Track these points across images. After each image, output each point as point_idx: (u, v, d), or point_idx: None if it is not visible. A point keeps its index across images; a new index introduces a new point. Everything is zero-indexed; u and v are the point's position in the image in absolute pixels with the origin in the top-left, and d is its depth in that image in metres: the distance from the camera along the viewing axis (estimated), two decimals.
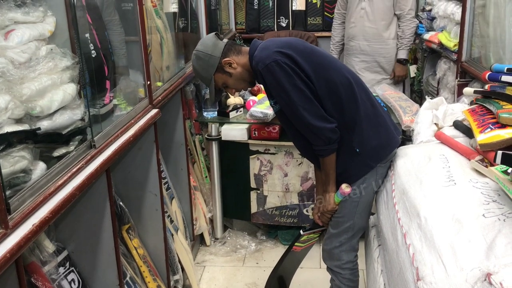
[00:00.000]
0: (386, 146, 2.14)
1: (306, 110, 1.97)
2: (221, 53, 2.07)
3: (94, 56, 1.87)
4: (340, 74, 2.05)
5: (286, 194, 3.17)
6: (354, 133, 2.07)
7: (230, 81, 2.12)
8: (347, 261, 2.24)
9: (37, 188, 1.38)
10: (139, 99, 2.28)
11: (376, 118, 2.13)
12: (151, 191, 2.33)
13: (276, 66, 1.93)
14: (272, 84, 1.98)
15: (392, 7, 3.72)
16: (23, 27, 1.46)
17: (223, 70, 2.09)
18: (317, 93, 1.99)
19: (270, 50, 1.97)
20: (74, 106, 1.60)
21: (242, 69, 2.10)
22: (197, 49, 2.12)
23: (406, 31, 3.74)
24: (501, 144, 1.72)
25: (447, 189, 1.68)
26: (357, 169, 2.11)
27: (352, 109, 2.05)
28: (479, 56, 2.92)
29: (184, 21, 3.40)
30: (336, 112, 2.03)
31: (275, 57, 1.94)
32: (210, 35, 2.15)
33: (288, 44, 2.01)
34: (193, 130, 3.33)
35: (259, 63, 1.97)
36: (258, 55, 2.00)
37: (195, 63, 2.12)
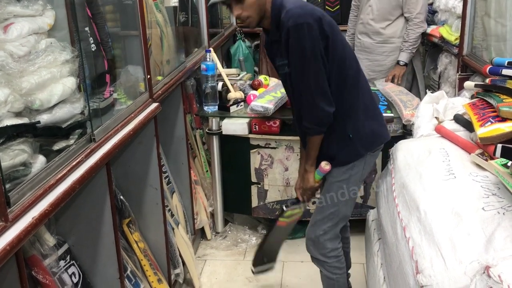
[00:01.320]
0: (378, 136, 2.17)
1: (315, 82, 1.95)
2: None
3: (94, 50, 1.87)
4: (351, 58, 2.08)
5: (286, 188, 3.17)
6: (350, 119, 2.08)
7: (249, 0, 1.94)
8: (331, 249, 2.24)
9: (37, 181, 1.39)
10: (139, 93, 2.28)
11: (373, 110, 2.17)
12: (152, 185, 2.33)
13: (306, 28, 1.88)
14: (294, 44, 1.91)
15: (399, 7, 3.66)
16: (22, 20, 1.46)
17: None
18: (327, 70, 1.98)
19: (307, 11, 1.91)
20: (73, 100, 1.60)
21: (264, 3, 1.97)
22: None
23: (410, 35, 3.66)
24: (501, 138, 1.71)
25: (447, 183, 1.68)
26: (347, 155, 2.12)
27: (353, 95, 2.07)
28: (480, 49, 2.92)
29: (185, 15, 3.39)
30: (338, 95, 2.03)
31: (309, 20, 1.88)
32: None
33: (321, 12, 1.97)
34: (194, 124, 3.33)
35: (290, 19, 1.89)
36: (293, 10, 1.91)
37: None
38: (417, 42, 3.71)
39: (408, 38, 3.67)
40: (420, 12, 3.63)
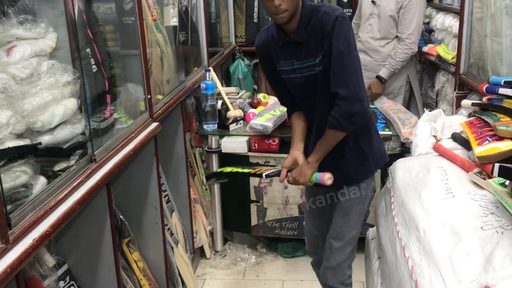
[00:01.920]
0: (384, 155, 2.21)
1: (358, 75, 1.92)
2: None
3: (95, 70, 1.89)
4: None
5: (286, 207, 3.17)
6: (366, 136, 2.10)
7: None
8: (349, 275, 2.22)
9: (38, 203, 1.39)
10: (139, 112, 2.30)
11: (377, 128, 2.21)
12: (151, 204, 2.34)
13: (350, 24, 1.92)
14: (340, 33, 1.86)
15: (396, 27, 3.69)
16: (25, 43, 1.49)
17: None
18: None
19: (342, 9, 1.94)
20: (75, 121, 1.62)
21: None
22: None
23: (398, 54, 3.60)
24: (499, 157, 1.73)
25: (445, 202, 1.68)
26: (362, 173, 2.13)
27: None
28: (477, 68, 2.94)
29: (185, 35, 3.43)
30: None
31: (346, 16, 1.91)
32: None
33: None
34: (193, 142, 3.35)
35: (336, 11, 1.88)
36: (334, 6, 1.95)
37: None
38: (403, 63, 3.63)
39: (395, 56, 3.61)
40: (411, 33, 3.57)
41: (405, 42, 3.59)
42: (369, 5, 3.75)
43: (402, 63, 3.63)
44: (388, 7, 3.62)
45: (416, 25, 3.59)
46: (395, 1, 3.60)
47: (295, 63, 2.01)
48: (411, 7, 3.55)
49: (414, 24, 3.57)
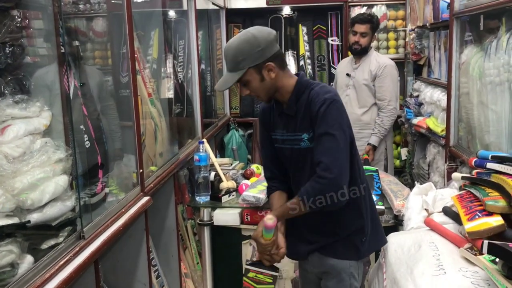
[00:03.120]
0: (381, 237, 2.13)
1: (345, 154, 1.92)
2: (271, 55, 1.91)
3: (88, 146, 1.92)
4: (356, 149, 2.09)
5: (279, 281, 3.11)
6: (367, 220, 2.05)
7: (256, 84, 1.94)
8: None
9: (23, 283, 1.37)
10: (132, 184, 2.30)
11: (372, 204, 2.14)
12: (140, 280, 2.29)
13: (341, 106, 1.94)
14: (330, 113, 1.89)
15: (372, 95, 3.84)
16: (19, 122, 1.52)
17: (260, 70, 1.92)
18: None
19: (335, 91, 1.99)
20: (65, 198, 1.62)
21: (275, 83, 1.96)
22: (252, 33, 1.91)
23: (385, 122, 3.78)
24: (489, 232, 1.73)
25: (437, 278, 1.67)
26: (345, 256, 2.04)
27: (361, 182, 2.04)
28: (466, 140, 3.00)
29: (180, 106, 3.51)
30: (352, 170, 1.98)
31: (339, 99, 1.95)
32: (271, 30, 1.98)
33: None
34: (185, 214, 3.33)
35: (328, 93, 1.91)
36: (327, 87, 1.98)
37: (240, 44, 1.89)
38: (390, 128, 3.84)
39: (383, 124, 3.78)
40: (390, 99, 3.77)
41: (387, 109, 3.78)
42: (345, 78, 3.96)
43: (389, 128, 3.83)
44: (362, 77, 3.83)
45: (393, 91, 3.81)
46: (368, 71, 3.81)
47: (285, 134, 2.05)
48: (385, 75, 3.77)
49: (391, 90, 3.79)
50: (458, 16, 3.03)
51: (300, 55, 5.06)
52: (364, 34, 3.81)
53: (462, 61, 3.01)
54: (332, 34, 5.04)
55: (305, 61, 5.04)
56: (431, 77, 3.96)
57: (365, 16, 3.86)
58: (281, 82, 1.97)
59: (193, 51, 3.69)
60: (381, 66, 3.78)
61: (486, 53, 2.60)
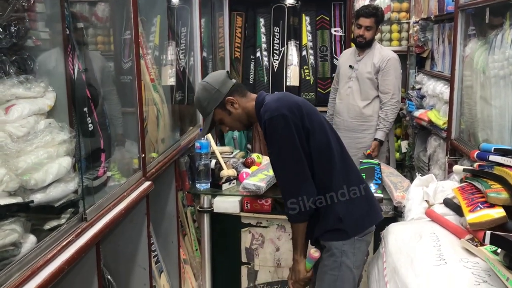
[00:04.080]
0: (366, 217, 2.16)
1: (296, 170, 2.01)
2: (228, 91, 2.13)
3: (91, 129, 1.91)
4: (336, 142, 2.13)
5: (277, 270, 3.12)
6: (340, 202, 2.09)
7: (227, 119, 2.17)
8: None
9: (26, 262, 1.37)
10: (133, 170, 2.30)
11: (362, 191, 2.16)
12: (140, 264, 2.30)
13: (282, 120, 1.97)
14: (271, 135, 2.02)
15: (375, 88, 3.85)
16: (24, 102, 1.51)
17: (225, 107, 2.14)
18: (311, 155, 2.03)
19: (281, 104, 2.01)
20: (68, 179, 1.62)
21: (242, 111, 2.15)
22: (205, 81, 2.18)
23: (389, 115, 3.81)
24: (491, 224, 1.73)
25: (438, 268, 1.67)
26: (334, 238, 2.10)
27: (341, 178, 2.09)
28: (468, 134, 3.00)
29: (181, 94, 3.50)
30: (326, 179, 2.07)
31: (284, 111, 1.98)
32: (222, 71, 2.21)
33: (298, 103, 2.06)
34: (185, 201, 3.33)
35: (267, 112, 2.00)
36: (269, 104, 2.03)
37: (200, 93, 2.16)
38: (393, 121, 3.88)
39: (388, 118, 3.81)
40: (394, 93, 3.80)
41: (391, 103, 3.80)
42: (347, 69, 3.96)
43: (393, 121, 3.86)
44: (365, 70, 3.84)
45: (397, 84, 3.83)
46: (372, 64, 3.82)
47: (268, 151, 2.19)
48: (389, 69, 3.79)
49: (394, 84, 3.81)
50: (463, 9, 3.02)
51: (303, 45, 5.04)
52: (368, 27, 3.79)
53: (466, 54, 3.00)
54: (335, 25, 5.01)
55: (307, 52, 5.02)
56: (434, 70, 3.95)
57: (370, 9, 3.84)
58: (247, 109, 2.16)
59: (195, 38, 3.67)
60: (384, 59, 3.77)
61: (490, 46, 2.59)
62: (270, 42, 5.06)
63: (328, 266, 2.11)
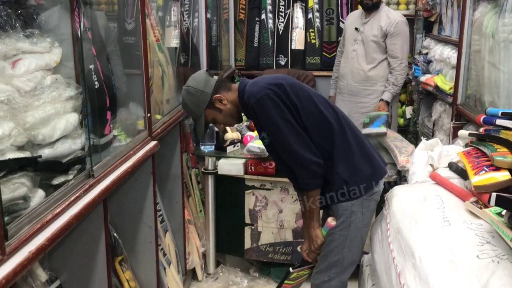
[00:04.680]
0: (372, 177, 2.18)
1: (295, 142, 2.02)
2: (212, 90, 2.13)
3: (97, 87, 1.90)
4: (327, 107, 2.14)
5: (280, 231, 3.16)
6: (344, 166, 2.11)
7: (219, 116, 2.18)
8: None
9: (35, 216, 1.39)
10: (137, 131, 2.30)
11: (364, 151, 2.18)
12: (146, 223, 2.33)
13: (267, 100, 1.99)
14: (263, 117, 2.04)
15: (383, 52, 3.79)
16: (30, 56, 1.50)
17: (214, 106, 2.14)
18: (304, 125, 2.05)
19: (261, 85, 2.04)
20: (75, 136, 1.62)
21: (232, 105, 2.16)
22: (188, 85, 2.17)
23: (399, 80, 3.77)
24: (496, 187, 1.74)
25: (442, 230, 1.69)
26: (343, 199, 2.13)
27: (342, 143, 2.11)
28: (474, 99, 2.98)
29: (185, 56, 3.46)
30: (327, 146, 2.09)
31: (266, 91, 2.00)
32: (201, 71, 2.21)
33: (277, 79, 2.08)
34: (190, 163, 3.34)
35: (250, 97, 2.03)
36: (249, 90, 2.06)
37: (186, 98, 2.16)
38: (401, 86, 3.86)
39: (397, 82, 3.77)
40: (404, 57, 3.76)
41: (401, 67, 3.75)
42: (353, 32, 3.89)
43: (401, 85, 3.84)
44: (371, 33, 3.77)
45: (406, 49, 3.79)
46: (379, 27, 3.75)
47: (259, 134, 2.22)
48: (397, 33, 3.72)
49: (404, 49, 3.76)
50: None
51: (309, 7, 4.96)
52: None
53: (475, 18, 2.95)
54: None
55: (313, 14, 4.94)
56: (441, 34, 3.90)
57: None
58: (235, 101, 2.15)
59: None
60: (392, 23, 3.71)
61: (501, 10, 2.55)
62: (275, 4, 4.98)
63: (337, 227, 2.14)
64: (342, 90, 3.97)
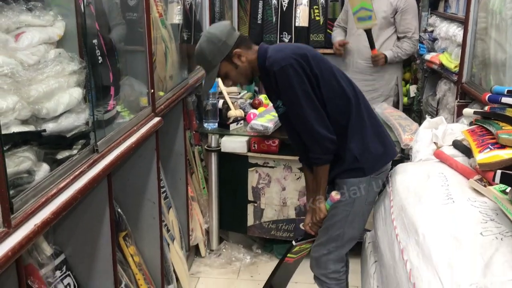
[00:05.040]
0: (382, 157, 2.20)
1: (312, 116, 2.02)
2: (234, 43, 2.07)
3: (100, 62, 1.89)
4: (346, 82, 2.14)
5: (283, 208, 3.17)
6: (356, 142, 2.12)
7: (233, 72, 2.13)
8: (333, 270, 2.24)
9: (40, 189, 1.39)
10: (140, 107, 2.30)
11: (377, 130, 2.21)
12: (150, 199, 2.33)
13: (290, 69, 1.97)
14: (283, 86, 2.02)
15: (391, 28, 3.74)
16: (33, 30, 1.49)
17: (231, 60, 2.09)
18: (323, 98, 2.05)
19: (287, 53, 2.01)
20: (79, 110, 1.61)
21: (248, 65, 2.11)
22: (210, 32, 2.10)
23: (405, 47, 3.75)
24: (500, 164, 1.73)
25: (445, 207, 1.69)
26: (351, 176, 2.15)
27: (356, 120, 2.12)
28: (479, 78, 2.96)
29: (188, 33, 3.43)
30: (342, 118, 2.10)
31: (291, 60, 1.98)
32: (225, 22, 2.17)
33: (301, 49, 2.06)
34: (193, 140, 3.34)
35: (274, 64, 2.00)
36: (274, 56, 2.03)
37: (205, 46, 2.07)
38: (406, 56, 3.83)
39: (402, 48, 3.75)
40: (415, 32, 3.76)
41: (411, 40, 3.76)
42: None
43: (405, 55, 3.82)
44: (380, 9, 3.71)
45: (416, 23, 3.79)
46: (388, 3, 3.71)
47: (274, 102, 2.21)
48: (407, 8, 3.71)
49: (415, 23, 3.77)
50: None
51: None
52: None
53: None
54: None
55: None
56: (447, 11, 3.84)
57: None
58: (252, 62, 2.11)
59: None
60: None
61: None
62: None
63: (341, 201, 2.16)
64: (348, 68, 3.93)
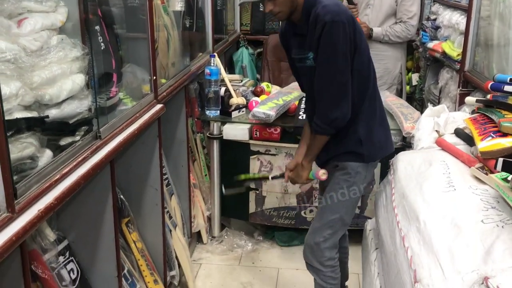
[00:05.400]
0: (384, 147, 2.23)
1: (340, 83, 1.99)
2: None
3: (103, 48, 1.89)
4: (372, 69, 2.15)
5: (285, 196, 3.18)
6: (365, 126, 2.13)
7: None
8: (329, 257, 2.25)
9: (43, 175, 1.40)
10: (143, 95, 2.30)
11: (384, 121, 2.24)
12: (152, 185, 2.34)
13: (341, 27, 1.92)
14: (326, 40, 1.94)
15: (393, 16, 3.70)
16: (36, 15, 1.48)
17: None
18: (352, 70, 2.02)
19: (342, 10, 1.97)
20: (82, 97, 1.61)
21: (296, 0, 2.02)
22: None
23: (396, 28, 3.64)
24: (502, 153, 1.74)
25: (447, 195, 1.70)
26: (352, 159, 2.16)
27: (371, 104, 2.13)
28: (481, 66, 2.95)
29: (190, 20, 3.42)
30: (358, 102, 2.08)
31: (344, 19, 1.93)
32: None
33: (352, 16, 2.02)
34: (195, 128, 3.35)
35: (327, 14, 1.92)
36: (330, 7, 1.95)
37: None
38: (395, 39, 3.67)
39: (393, 29, 3.64)
40: (412, 17, 3.62)
41: (405, 24, 3.63)
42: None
43: (395, 38, 3.66)
44: None
45: (416, 10, 3.65)
46: None
47: (298, 52, 2.13)
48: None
49: (414, 9, 3.63)
50: None
51: None
52: None
53: None
54: None
55: None
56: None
57: None
58: (299, 1, 2.02)
59: None
60: None
61: None
62: None
63: (339, 183, 2.18)
64: None
